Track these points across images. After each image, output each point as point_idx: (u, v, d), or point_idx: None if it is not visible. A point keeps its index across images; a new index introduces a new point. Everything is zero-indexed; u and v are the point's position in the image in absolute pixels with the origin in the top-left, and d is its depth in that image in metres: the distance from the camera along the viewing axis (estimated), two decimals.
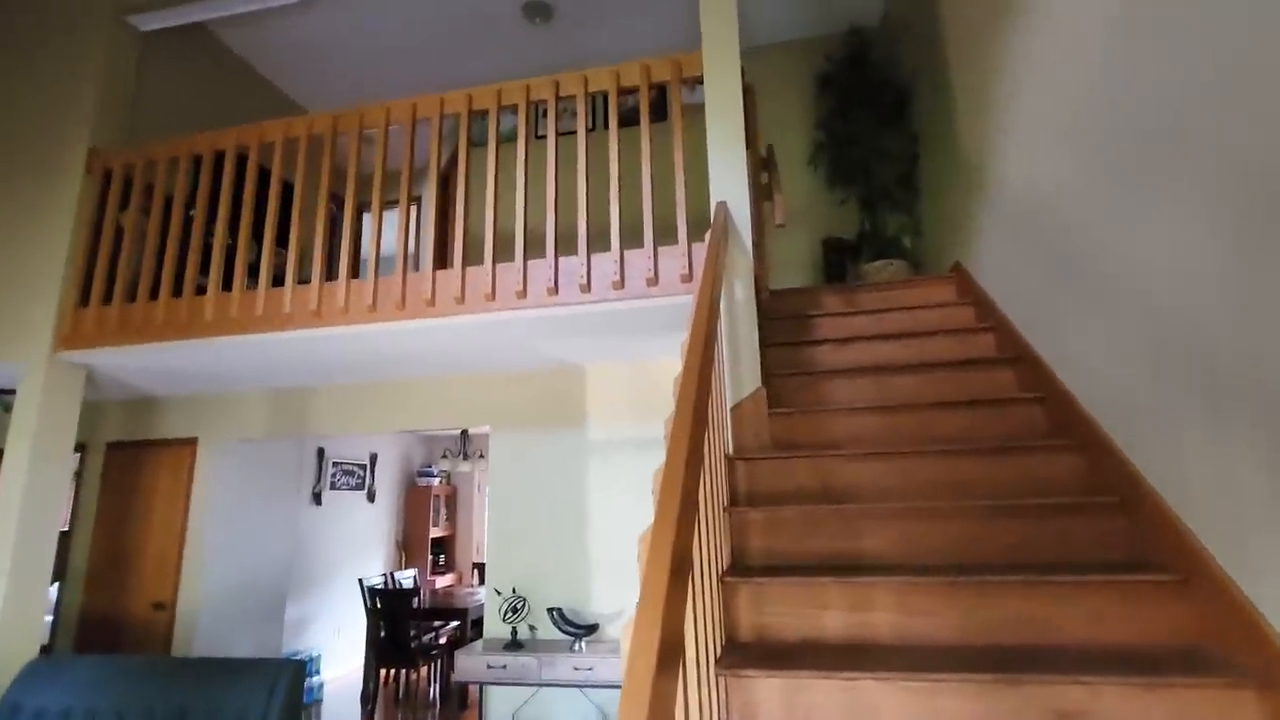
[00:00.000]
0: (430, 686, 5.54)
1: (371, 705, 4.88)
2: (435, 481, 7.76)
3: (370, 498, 6.84)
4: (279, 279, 3.76)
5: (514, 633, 3.52)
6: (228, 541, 4.47)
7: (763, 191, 3.36)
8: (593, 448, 3.90)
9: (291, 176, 4.24)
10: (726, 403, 2.40)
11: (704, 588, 1.45)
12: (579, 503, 3.84)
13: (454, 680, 3.45)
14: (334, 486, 6.26)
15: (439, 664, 5.32)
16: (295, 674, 2.84)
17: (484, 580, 6.83)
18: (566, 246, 3.93)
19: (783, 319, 3.17)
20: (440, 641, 5.29)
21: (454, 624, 5.52)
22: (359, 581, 5.37)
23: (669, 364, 3.92)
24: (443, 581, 7.64)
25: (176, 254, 3.34)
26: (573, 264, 2.86)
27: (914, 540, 1.94)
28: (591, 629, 3.44)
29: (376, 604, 5.02)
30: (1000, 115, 2.68)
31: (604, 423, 3.93)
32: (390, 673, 5.93)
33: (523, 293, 2.86)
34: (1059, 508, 1.85)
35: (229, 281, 3.63)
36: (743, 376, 2.49)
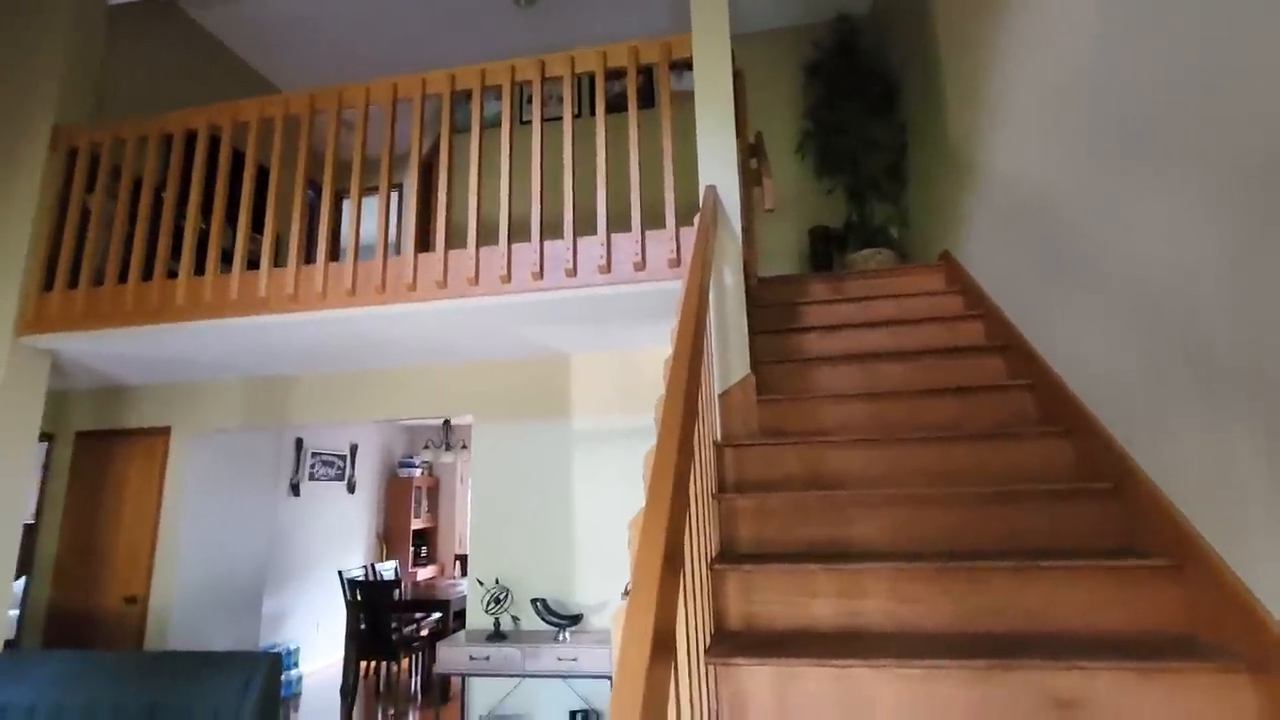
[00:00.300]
0: (411, 679, 5.47)
1: (351, 698, 4.80)
2: (417, 473, 7.66)
3: (350, 489, 6.73)
4: (254, 263, 3.65)
5: (497, 624, 3.47)
6: (202, 533, 4.36)
7: (751, 177, 3.31)
8: (578, 438, 3.85)
9: (267, 161, 4.13)
10: (715, 389, 2.37)
11: (694, 575, 1.41)
12: (564, 493, 3.79)
13: (436, 672, 3.39)
14: (313, 477, 6.14)
15: (420, 656, 5.25)
16: (271, 667, 2.77)
17: (466, 572, 6.77)
18: (552, 232, 3.86)
19: (770, 306, 3.14)
20: (422, 633, 5.22)
21: (436, 616, 5.45)
22: (339, 573, 5.28)
23: (655, 353, 3.88)
24: (424, 573, 7.56)
25: (146, 237, 3.23)
26: (558, 248, 2.80)
27: (905, 527, 1.92)
28: (576, 619, 3.40)
29: (356, 596, 4.94)
30: (991, 103, 2.66)
31: (589, 412, 3.87)
32: (371, 665, 5.86)
33: (507, 277, 2.79)
34: (1051, 494, 1.83)
35: (202, 266, 3.51)
36: (731, 363, 2.45)
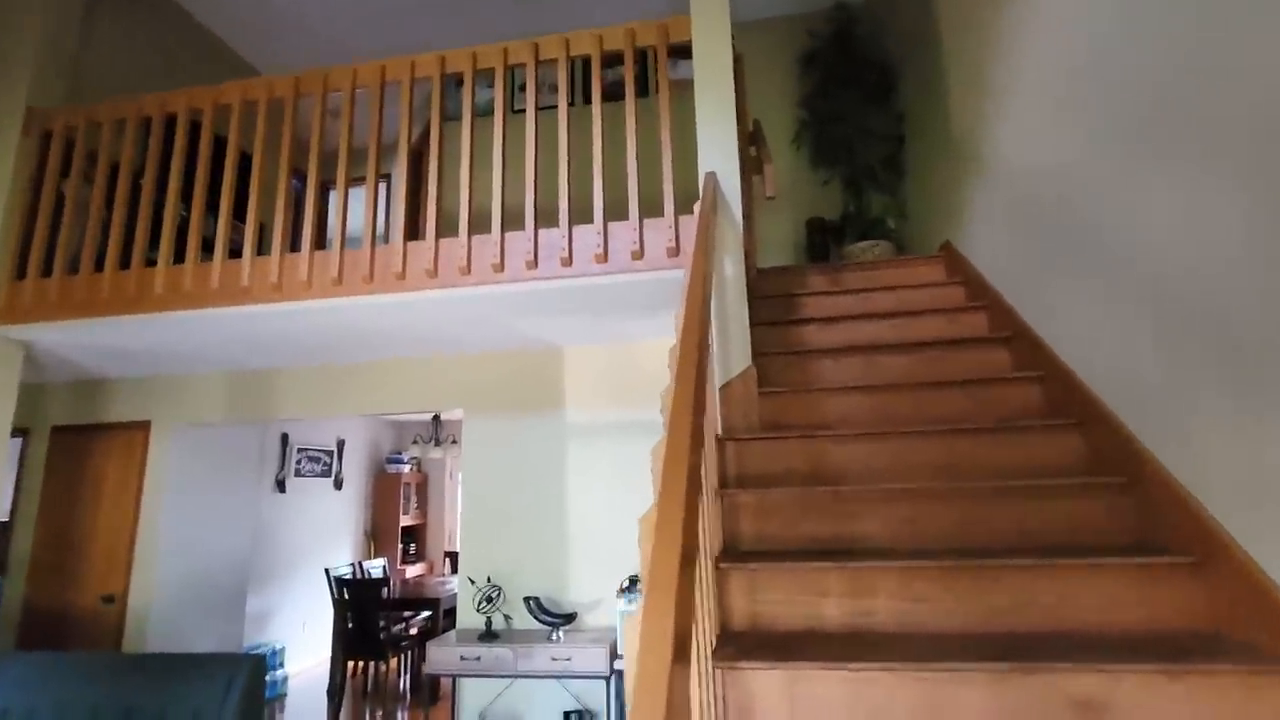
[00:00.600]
0: (400, 679, 5.38)
1: (339, 699, 4.71)
2: (405, 468, 7.55)
3: (337, 485, 6.61)
4: (236, 252, 3.53)
5: (488, 623, 3.39)
6: (183, 530, 4.24)
7: (750, 165, 3.24)
8: (571, 432, 3.77)
9: (250, 147, 4.01)
10: (715, 381, 2.30)
11: (700, 574, 1.34)
12: (557, 489, 3.71)
13: (425, 673, 3.31)
14: (299, 473, 6.02)
15: (409, 656, 5.16)
16: (254, 669, 2.67)
17: (456, 569, 6.68)
18: (547, 221, 3.77)
19: (769, 298, 3.08)
20: (411, 632, 5.13)
21: (425, 614, 5.35)
22: (325, 571, 5.17)
23: (650, 345, 3.80)
24: (413, 571, 7.45)
25: (124, 224, 3.11)
26: (553, 236, 2.72)
27: (912, 523, 1.86)
28: (570, 618, 3.33)
29: (344, 594, 4.83)
30: (996, 90, 2.60)
31: (583, 406, 3.80)
32: (358, 665, 5.76)
33: (500, 266, 2.71)
34: (1063, 489, 1.78)
35: (182, 254, 3.39)
36: (731, 355, 2.39)
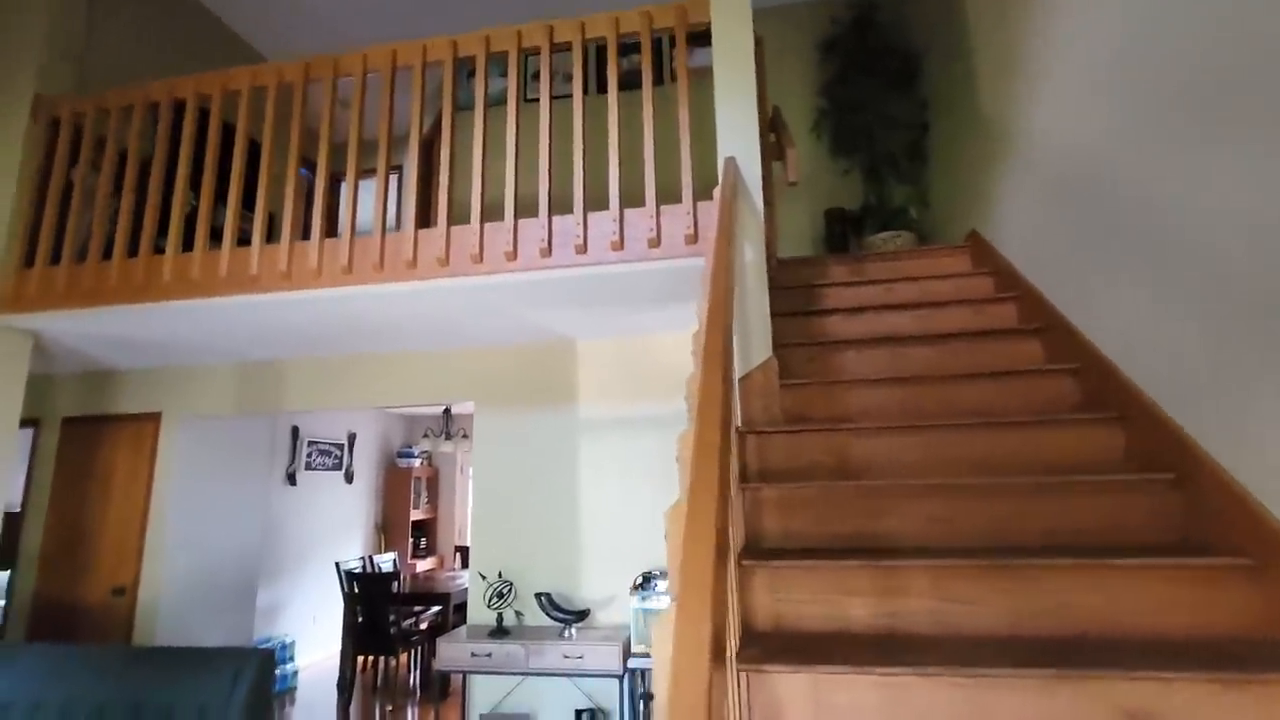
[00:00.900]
0: (411, 674, 5.34)
1: (348, 694, 4.68)
2: (416, 462, 7.51)
3: (348, 479, 6.59)
4: (245, 240, 3.48)
5: (499, 619, 3.33)
6: (193, 523, 4.22)
7: (770, 152, 3.15)
8: (584, 426, 3.70)
9: (259, 135, 3.96)
10: (735, 373, 2.22)
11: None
12: (569, 483, 3.65)
13: (436, 669, 3.26)
14: (309, 466, 6.00)
15: (420, 651, 5.12)
16: (262, 664, 2.63)
17: (466, 564, 6.64)
18: (561, 210, 3.69)
19: (789, 289, 2.99)
20: (421, 627, 5.09)
21: (435, 609, 5.32)
22: (336, 565, 5.14)
23: (666, 338, 3.72)
24: (424, 565, 7.42)
25: (131, 211, 3.06)
26: (568, 224, 2.65)
27: (944, 520, 1.77)
28: (582, 615, 3.26)
29: (354, 588, 4.80)
30: (1030, 71, 2.50)
31: (596, 400, 3.72)
32: (368, 660, 5.73)
33: (513, 254, 2.64)
34: (1104, 485, 1.69)
35: (190, 242, 3.35)
36: (752, 345, 2.30)
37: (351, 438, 6.68)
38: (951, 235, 3.51)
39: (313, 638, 5.79)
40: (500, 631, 3.28)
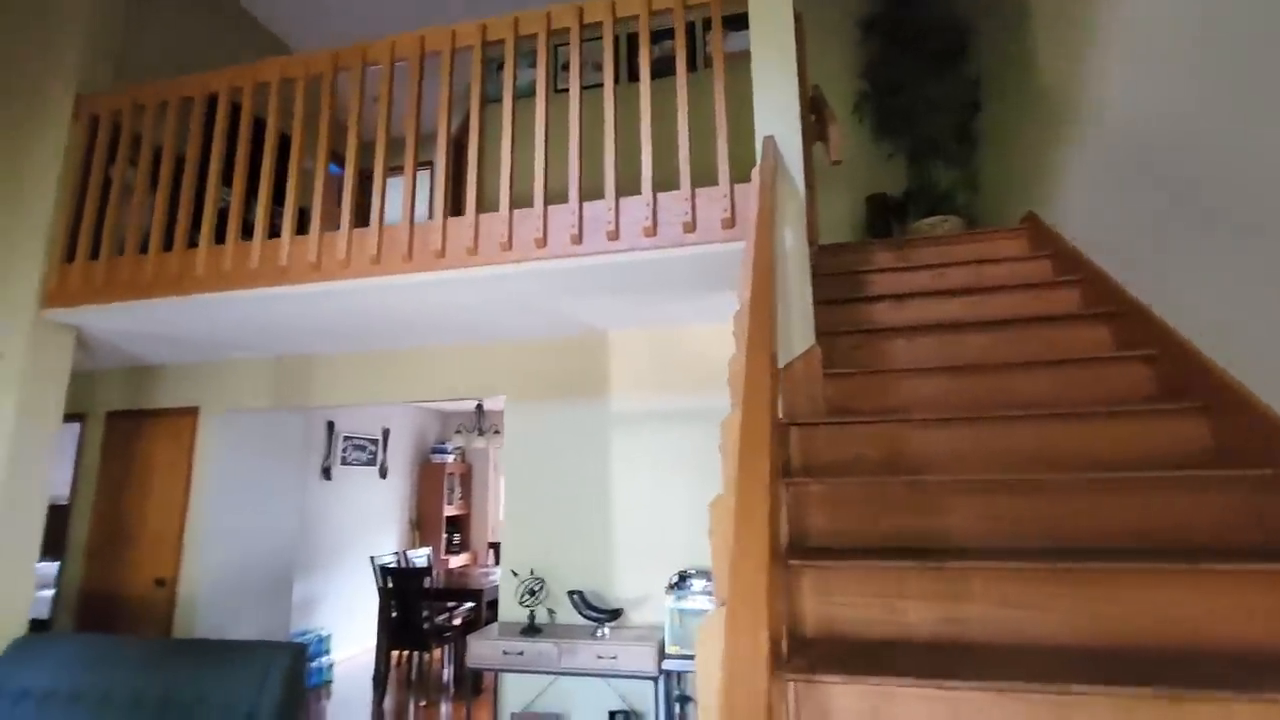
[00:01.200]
0: (444, 670, 5.34)
1: (383, 688, 4.68)
2: (449, 458, 7.54)
3: (382, 474, 6.63)
4: (276, 233, 3.47)
5: (531, 617, 3.27)
6: (231, 515, 4.26)
7: (811, 133, 3.01)
8: (616, 420, 3.61)
9: (289, 129, 3.97)
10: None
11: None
12: (601, 479, 3.56)
13: (468, 666, 3.21)
14: (345, 461, 6.04)
15: (453, 647, 5.11)
16: (293, 659, 2.60)
17: (499, 560, 6.63)
18: (592, 196, 3.61)
19: (830, 275, 2.85)
20: (454, 623, 5.07)
21: (468, 605, 5.30)
22: (370, 559, 5.16)
23: (700, 331, 3.61)
24: (457, 561, 7.45)
25: (166, 206, 3.08)
26: (599, 209, 2.55)
27: (1006, 519, 1.63)
28: (615, 614, 3.18)
29: (388, 583, 4.80)
30: (1103, 37, 2.31)
31: (629, 393, 3.63)
32: (403, 655, 5.75)
33: (542, 241, 2.56)
34: (1188, 481, 1.53)
35: (223, 235, 3.36)
36: (793, 333, 2.18)
37: (386, 433, 6.72)
38: (1005, 219, 3.32)
39: (349, 631, 5.84)
40: (532, 630, 3.21)
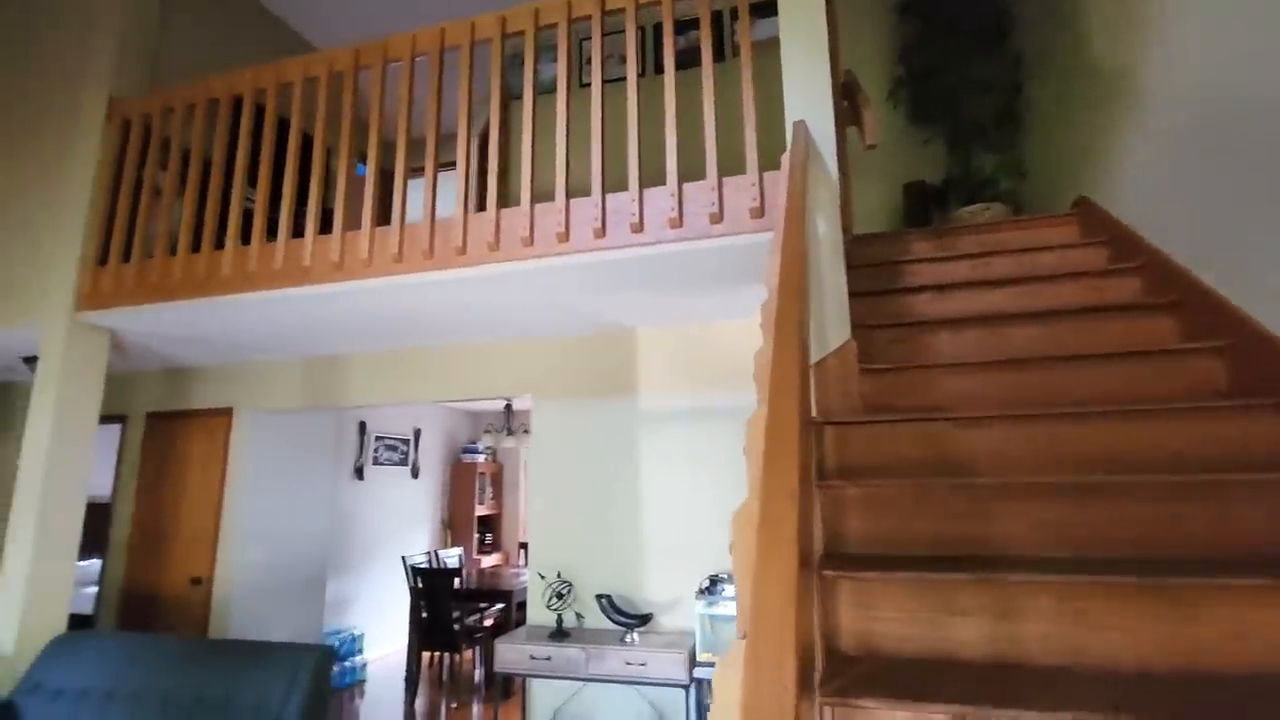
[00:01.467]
0: (475, 670, 5.32)
1: (414, 689, 4.68)
2: (480, 458, 7.55)
3: (414, 473, 6.66)
4: (300, 233, 3.47)
5: (559, 620, 3.20)
6: (265, 515, 4.30)
7: (844, 118, 2.88)
8: (644, 418, 3.52)
9: (311, 129, 3.98)
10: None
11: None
12: (630, 480, 3.48)
13: (496, 670, 3.16)
14: (376, 461, 6.08)
15: (484, 648, 5.08)
16: (321, 661, 2.58)
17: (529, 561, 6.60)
18: (615, 189, 3.53)
19: (865, 266, 2.71)
20: (485, 624, 5.05)
21: (499, 606, 5.27)
22: (402, 559, 5.17)
23: (728, 326, 3.50)
24: (489, 561, 7.45)
25: (194, 208, 3.09)
26: (622, 201, 2.47)
27: (1064, 526, 1.49)
28: (645, 619, 3.09)
29: (419, 583, 4.80)
30: (1173, 8, 2.13)
31: (657, 391, 3.54)
32: (434, 655, 5.75)
33: (564, 235, 2.48)
34: (1268, 485, 1.37)
35: (248, 236, 3.37)
36: (826, 327, 2.06)
37: (417, 433, 6.75)
38: (1053, 205, 3.13)
39: (381, 631, 5.87)
40: (560, 634, 3.14)
